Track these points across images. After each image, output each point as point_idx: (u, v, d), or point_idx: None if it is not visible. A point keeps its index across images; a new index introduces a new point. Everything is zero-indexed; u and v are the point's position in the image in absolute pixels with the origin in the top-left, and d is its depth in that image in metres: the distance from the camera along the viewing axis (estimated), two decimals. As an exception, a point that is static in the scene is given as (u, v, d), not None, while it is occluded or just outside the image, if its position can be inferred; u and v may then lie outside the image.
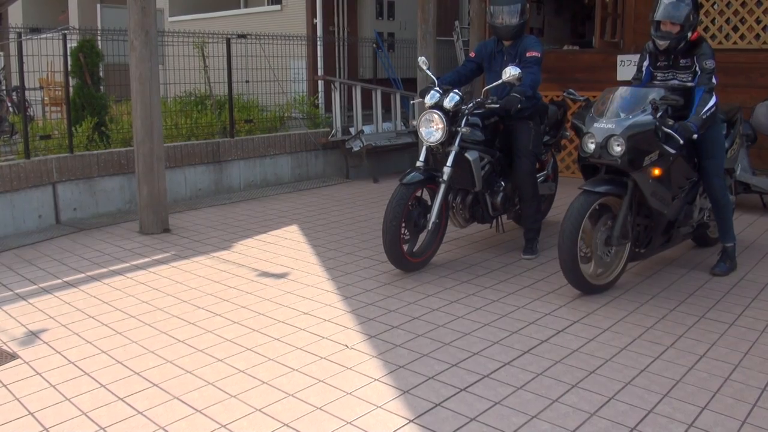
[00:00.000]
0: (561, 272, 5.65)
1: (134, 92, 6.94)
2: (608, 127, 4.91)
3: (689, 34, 5.27)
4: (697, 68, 5.32)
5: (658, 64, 5.55)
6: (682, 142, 4.95)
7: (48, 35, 8.58)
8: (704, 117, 5.10)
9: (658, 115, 4.90)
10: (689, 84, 5.40)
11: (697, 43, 5.34)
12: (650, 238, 5.41)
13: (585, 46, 11.54)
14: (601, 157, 4.95)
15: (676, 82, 5.46)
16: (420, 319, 4.73)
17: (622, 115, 4.95)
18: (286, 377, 3.88)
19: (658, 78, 5.57)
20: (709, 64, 5.24)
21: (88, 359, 4.14)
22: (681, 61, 5.42)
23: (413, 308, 4.93)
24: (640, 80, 5.67)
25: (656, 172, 5.06)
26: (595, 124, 4.99)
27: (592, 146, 4.98)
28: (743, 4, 8.68)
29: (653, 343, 4.30)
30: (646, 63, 5.64)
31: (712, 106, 5.17)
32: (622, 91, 5.18)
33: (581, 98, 5.49)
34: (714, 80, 5.25)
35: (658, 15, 5.26)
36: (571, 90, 5.65)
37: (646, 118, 4.89)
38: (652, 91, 5.07)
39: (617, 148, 4.85)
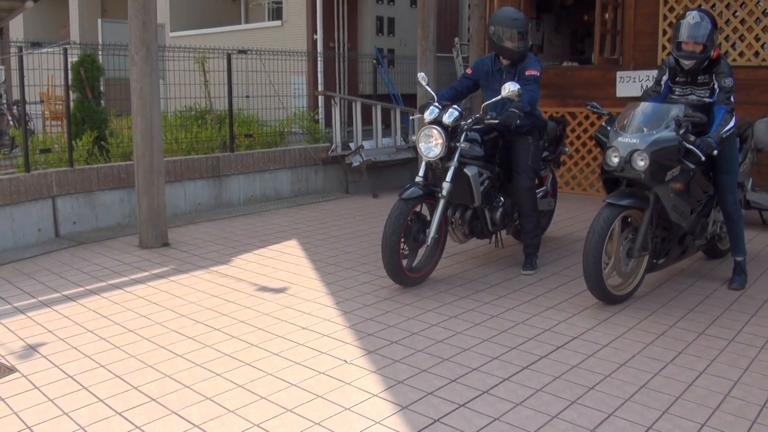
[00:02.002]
0: (561, 288, 5.68)
1: (134, 106, 6.96)
2: (632, 141, 4.99)
3: (711, 53, 5.34)
4: (716, 86, 5.39)
5: (677, 79, 5.63)
6: (703, 158, 5.04)
7: (49, 49, 8.60)
8: (724, 136, 5.20)
9: (681, 131, 4.97)
10: (707, 100, 5.48)
11: (716, 61, 5.41)
12: (668, 250, 5.51)
13: (584, 63, 11.58)
14: (624, 171, 5.04)
15: (695, 97, 5.55)
16: (419, 334, 4.72)
17: (646, 131, 5.03)
18: (285, 392, 3.87)
19: (677, 93, 5.64)
20: (728, 82, 5.32)
21: (87, 373, 4.13)
22: (699, 77, 5.50)
23: (412, 323, 4.92)
24: (658, 93, 5.71)
25: (677, 186, 5.16)
26: (619, 139, 5.07)
27: (615, 160, 5.06)
28: (742, 22, 8.72)
29: (653, 359, 4.29)
30: (665, 78, 5.69)
31: (732, 127, 5.27)
32: (645, 106, 5.26)
33: (605, 112, 5.62)
34: (732, 99, 5.34)
35: (682, 36, 5.32)
36: (594, 104, 5.74)
37: (669, 134, 4.97)
38: (675, 107, 5.15)
39: (641, 163, 4.93)
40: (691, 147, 4.98)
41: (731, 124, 5.27)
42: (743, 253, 5.79)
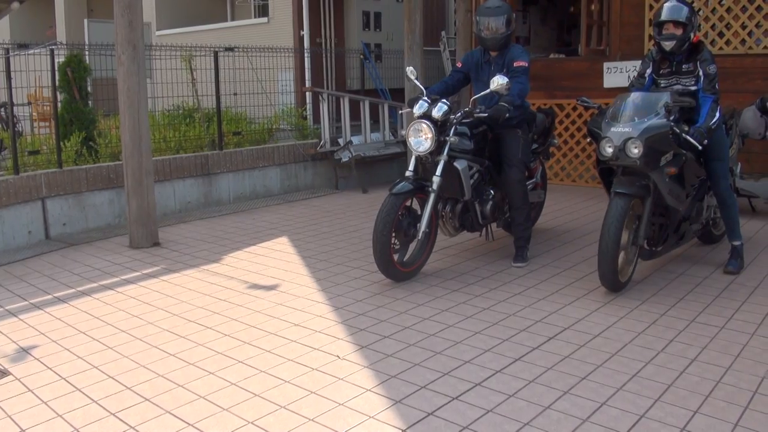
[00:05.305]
0: (552, 279, 5.71)
1: (122, 106, 6.94)
2: (625, 130, 5.07)
3: (692, 35, 5.45)
4: (701, 73, 5.49)
5: (661, 71, 5.73)
6: (701, 147, 5.20)
7: (36, 51, 8.57)
8: (713, 127, 5.35)
9: (672, 117, 5.07)
10: (692, 88, 5.56)
11: (698, 48, 5.54)
12: (666, 236, 5.59)
13: (571, 54, 11.60)
14: (619, 159, 5.11)
15: (680, 87, 5.63)
16: (411, 328, 4.73)
17: (637, 119, 5.12)
18: (278, 389, 3.87)
19: (662, 84, 5.73)
20: (712, 68, 5.44)
21: (80, 375, 4.13)
22: (683, 66, 5.60)
23: (404, 318, 4.93)
24: (642, 86, 5.78)
25: (672, 171, 5.25)
26: (612, 129, 5.15)
27: (610, 150, 5.12)
28: (728, 10, 8.74)
29: (644, 348, 4.32)
30: (649, 71, 5.77)
31: (719, 118, 5.44)
32: (635, 96, 5.35)
33: (594, 105, 5.72)
34: (717, 86, 5.45)
35: (662, 17, 5.47)
36: (584, 98, 5.87)
37: (660, 121, 5.06)
38: (664, 94, 5.25)
39: (635, 150, 5.00)
40: (689, 138, 5.09)
41: (718, 114, 5.41)
42: (740, 237, 5.88)
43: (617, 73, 9.47)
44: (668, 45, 5.46)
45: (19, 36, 16.56)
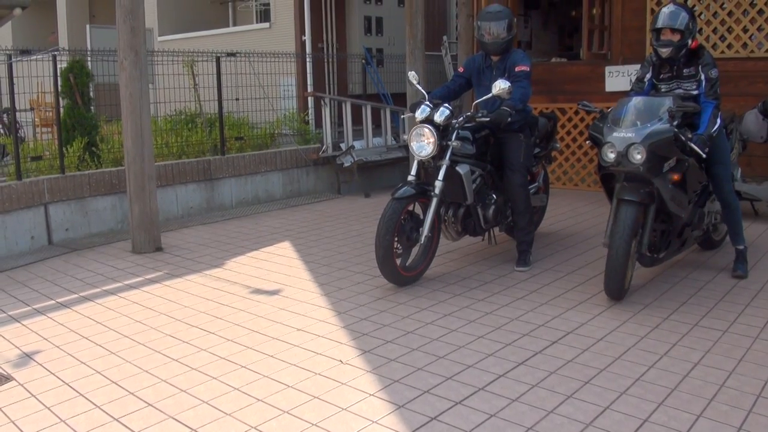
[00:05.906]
0: (554, 283, 5.70)
1: (124, 112, 6.95)
2: (628, 136, 5.00)
3: (689, 42, 5.41)
4: (702, 77, 5.46)
5: (661, 76, 5.70)
6: (704, 155, 5.14)
7: (38, 56, 8.58)
8: (714, 135, 5.35)
9: (675, 123, 5.03)
10: (694, 92, 5.53)
11: (699, 53, 5.52)
12: (668, 243, 5.55)
13: (573, 59, 11.60)
14: (621, 165, 5.04)
15: (681, 91, 5.59)
16: (414, 333, 4.73)
17: (639, 124, 5.06)
18: (281, 394, 3.87)
19: (662, 89, 5.69)
20: (714, 73, 5.42)
21: (83, 380, 4.13)
22: (684, 70, 5.57)
23: (407, 322, 4.93)
24: (642, 91, 5.75)
25: (675, 177, 5.20)
26: (614, 134, 5.08)
27: (612, 155, 5.05)
28: (730, 14, 8.75)
29: (647, 352, 4.31)
30: (648, 75, 5.73)
31: (720, 125, 5.44)
32: (637, 101, 5.29)
33: (596, 109, 5.64)
34: (718, 91, 5.43)
35: (659, 23, 5.44)
36: (585, 102, 5.79)
37: (663, 126, 5.01)
38: (666, 99, 5.19)
39: (638, 156, 4.93)
40: (693, 146, 5.06)
41: (719, 121, 5.41)
42: (743, 241, 5.86)
43: (619, 77, 9.48)
44: (665, 52, 5.44)
45: (22, 42, 16.58)
